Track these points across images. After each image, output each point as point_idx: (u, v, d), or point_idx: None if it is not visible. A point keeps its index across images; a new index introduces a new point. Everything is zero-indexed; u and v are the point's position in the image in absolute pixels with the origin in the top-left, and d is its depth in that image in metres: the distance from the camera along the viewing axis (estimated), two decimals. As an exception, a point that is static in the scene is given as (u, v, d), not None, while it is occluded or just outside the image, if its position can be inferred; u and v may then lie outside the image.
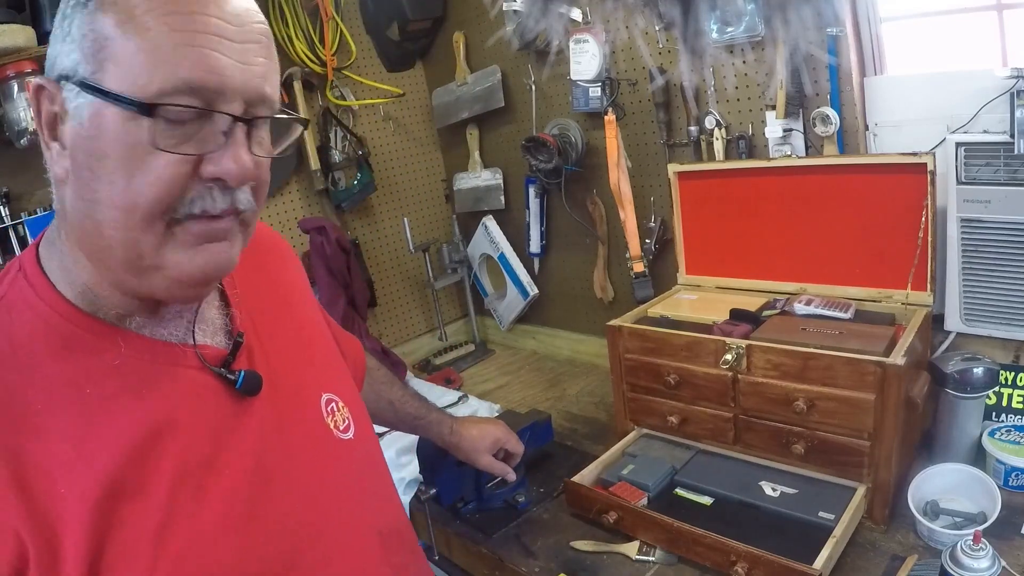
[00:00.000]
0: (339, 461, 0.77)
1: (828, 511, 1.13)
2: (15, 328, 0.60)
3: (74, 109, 0.57)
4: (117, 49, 0.55)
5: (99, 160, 0.57)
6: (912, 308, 1.30)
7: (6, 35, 1.48)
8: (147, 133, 0.56)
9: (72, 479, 0.57)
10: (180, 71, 0.55)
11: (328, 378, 0.83)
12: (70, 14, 0.57)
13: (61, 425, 0.58)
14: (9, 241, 1.66)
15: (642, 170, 1.82)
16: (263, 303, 0.78)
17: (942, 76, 1.35)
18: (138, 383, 0.63)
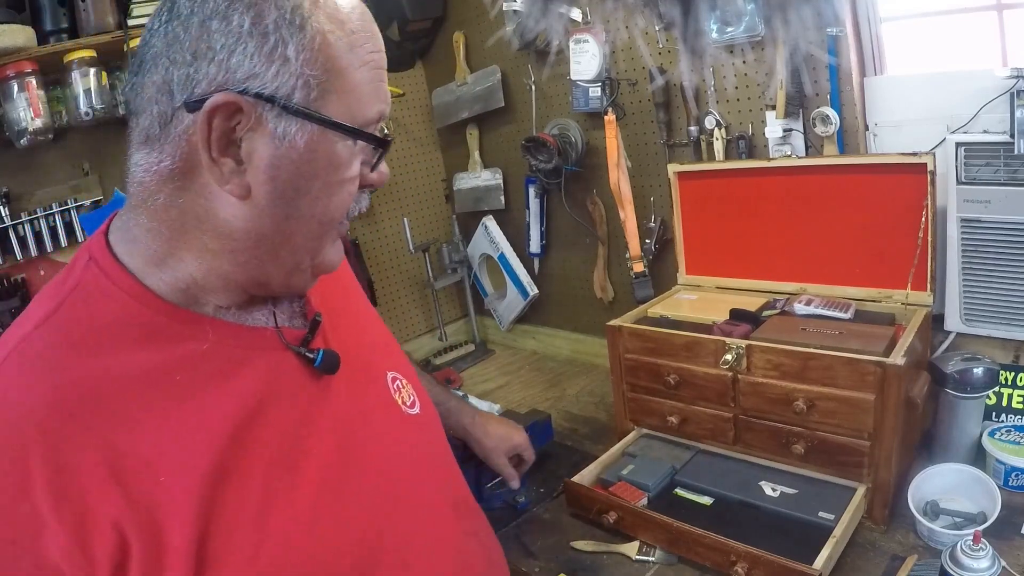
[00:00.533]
0: (409, 435, 0.80)
1: (828, 511, 1.13)
2: (95, 317, 0.61)
3: (280, 131, 0.59)
4: (342, 81, 0.60)
5: (307, 180, 0.61)
6: (912, 308, 1.30)
7: (6, 35, 1.48)
8: (350, 155, 0.63)
9: (173, 467, 0.57)
10: (378, 104, 0.63)
11: (390, 358, 0.87)
12: (276, 32, 0.57)
13: (155, 413, 0.59)
14: (9, 241, 1.66)
15: (642, 170, 1.82)
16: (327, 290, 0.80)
17: (942, 76, 1.35)
18: (227, 367, 0.64)
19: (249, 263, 0.64)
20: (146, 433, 0.58)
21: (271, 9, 0.57)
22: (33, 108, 1.54)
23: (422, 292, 2.43)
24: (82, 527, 0.53)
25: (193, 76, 0.57)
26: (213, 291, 0.66)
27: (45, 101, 1.57)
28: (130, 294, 0.62)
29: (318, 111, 0.59)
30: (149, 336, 0.62)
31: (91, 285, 0.63)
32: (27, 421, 0.55)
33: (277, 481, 0.63)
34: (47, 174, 1.79)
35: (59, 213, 1.72)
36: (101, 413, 0.57)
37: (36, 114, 1.55)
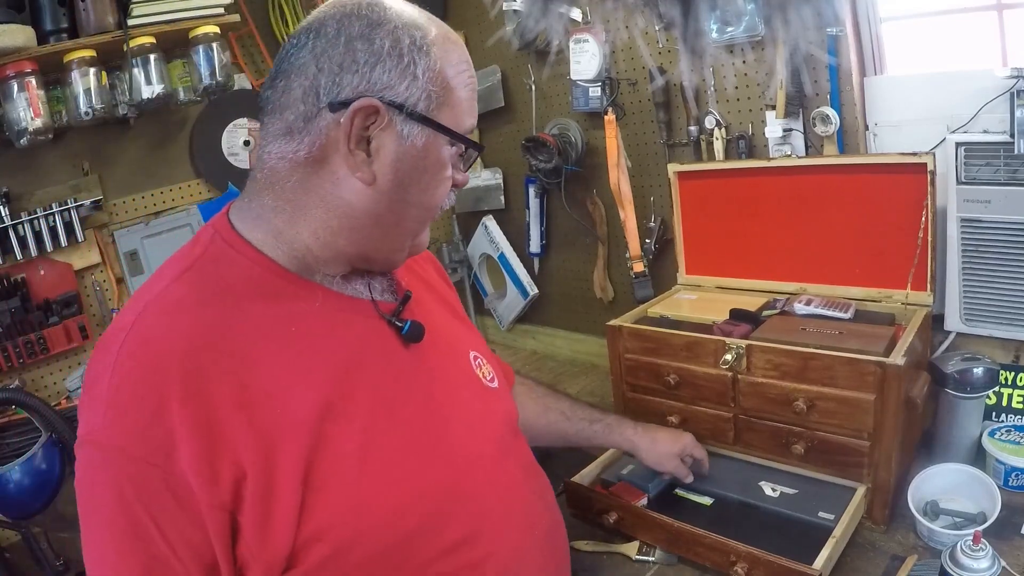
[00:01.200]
0: (487, 403, 0.91)
1: (828, 511, 1.13)
2: (222, 277, 0.73)
3: (405, 133, 0.72)
4: (451, 97, 0.74)
5: (420, 173, 0.75)
6: (912, 308, 1.30)
7: (6, 35, 1.48)
8: (451, 157, 0.77)
9: (289, 400, 0.68)
10: (471, 118, 0.78)
11: (472, 340, 0.99)
12: (409, 53, 0.71)
13: (274, 355, 0.70)
14: (9, 241, 1.66)
15: (642, 170, 1.82)
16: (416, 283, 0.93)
17: (942, 76, 1.35)
18: (333, 325, 0.76)
19: (362, 240, 0.77)
20: (267, 371, 0.69)
21: (405, 36, 0.71)
22: (33, 108, 1.54)
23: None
24: (211, 446, 0.64)
25: (338, 83, 0.70)
26: (324, 262, 0.77)
27: (45, 101, 1.57)
28: (252, 260, 0.75)
29: (435, 119, 0.73)
30: (268, 294, 0.74)
31: (217, 253, 0.75)
32: (168, 356, 0.65)
33: (376, 423, 0.74)
34: (47, 174, 1.79)
35: (59, 213, 1.72)
36: (230, 352, 0.68)
37: (36, 114, 1.55)
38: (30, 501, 1.38)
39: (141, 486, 0.63)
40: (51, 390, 1.81)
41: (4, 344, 1.68)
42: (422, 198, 0.77)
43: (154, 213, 1.97)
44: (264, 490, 0.65)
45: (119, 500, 0.63)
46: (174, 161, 2.00)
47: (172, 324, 0.68)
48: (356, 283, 0.82)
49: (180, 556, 0.63)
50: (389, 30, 0.71)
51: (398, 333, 0.81)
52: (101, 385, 0.66)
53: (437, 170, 0.76)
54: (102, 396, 0.65)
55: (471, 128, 0.79)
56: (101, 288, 1.88)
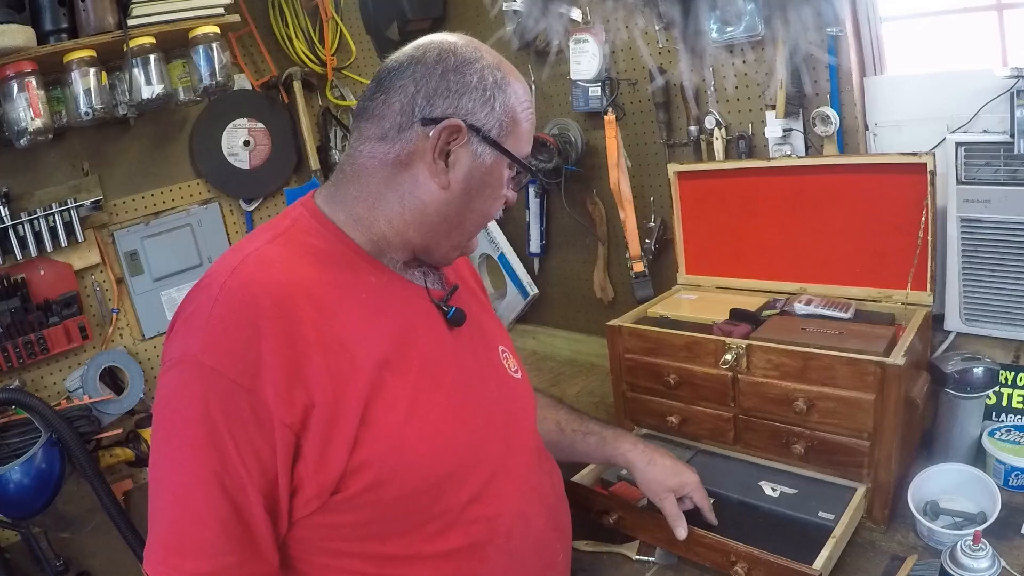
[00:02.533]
0: (513, 390, 1.02)
1: (828, 511, 1.13)
2: (309, 243, 0.86)
3: (478, 151, 0.87)
4: (515, 128, 0.89)
5: (485, 186, 0.89)
6: (912, 308, 1.30)
7: (6, 35, 1.48)
8: (508, 177, 0.91)
9: (358, 350, 0.81)
10: (528, 148, 0.92)
11: (500, 336, 1.10)
12: (491, 89, 0.86)
13: (349, 313, 0.83)
14: (9, 241, 1.66)
15: (642, 170, 1.82)
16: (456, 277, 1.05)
17: (942, 76, 1.35)
18: (393, 300, 0.89)
19: (428, 234, 0.90)
20: (342, 323, 0.81)
21: (489, 75, 0.87)
22: (33, 108, 1.54)
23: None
24: (291, 375, 0.75)
25: (431, 104, 0.85)
26: (393, 247, 0.90)
27: (45, 101, 1.57)
28: (335, 235, 0.88)
29: (503, 144, 0.88)
30: (346, 264, 0.87)
31: (304, 224, 0.88)
32: (264, 296, 0.77)
33: (422, 382, 0.86)
34: (47, 174, 1.79)
35: (59, 213, 1.72)
36: (315, 302, 0.80)
37: (36, 114, 1.55)
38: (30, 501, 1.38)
39: (227, 401, 0.73)
40: (51, 390, 1.81)
41: (4, 344, 1.68)
42: (482, 207, 0.91)
43: (154, 213, 1.97)
44: (328, 420, 0.76)
45: (204, 413, 0.73)
46: (174, 161, 2.00)
47: (269, 272, 0.80)
48: (414, 271, 0.95)
49: (248, 466, 0.73)
50: (478, 68, 0.86)
51: (444, 317, 0.94)
52: (201, 315, 0.76)
53: (497, 186, 0.91)
54: (201, 323, 0.76)
55: (527, 155, 0.93)
56: (101, 288, 1.88)
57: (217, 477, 0.73)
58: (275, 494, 0.76)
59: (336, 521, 0.80)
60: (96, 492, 1.45)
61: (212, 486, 0.73)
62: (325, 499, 0.78)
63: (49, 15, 1.56)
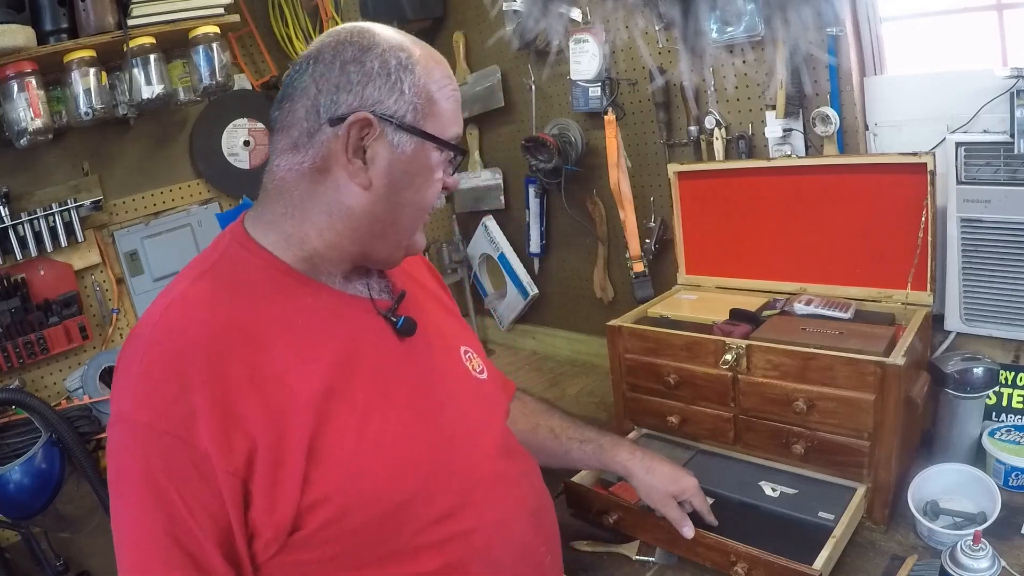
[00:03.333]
0: (477, 392, 0.98)
1: (828, 511, 1.13)
2: (239, 276, 0.82)
3: (396, 141, 0.81)
4: (435, 108, 0.83)
5: (412, 176, 0.84)
6: (912, 308, 1.30)
7: (6, 35, 1.48)
8: (439, 161, 0.85)
9: (296, 381, 0.77)
10: (456, 126, 0.87)
11: (463, 336, 1.06)
12: (395, 72, 0.80)
13: (284, 343, 0.78)
14: (9, 241, 1.66)
15: (642, 170, 1.82)
16: (410, 283, 1.01)
17: (942, 76, 1.35)
18: (333, 321, 0.84)
19: (363, 239, 0.85)
20: (277, 356, 0.77)
21: (392, 58, 0.80)
22: (33, 108, 1.54)
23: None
24: (227, 420, 0.71)
25: (336, 101, 0.80)
26: (330, 261, 0.85)
27: (45, 101, 1.57)
28: (265, 262, 0.83)
29: (422, 128, 0.82)
30: (279, 291, 0.82)
31: (233, 255, 0.84)
32: (190, 343, 0.74)
33: (372, 404, 0.82)
34: (47, 174, 1.79)
35: (59, 213, 1.72)
36: (245, 339, 0.76)
37: (36, 114, 1.55)
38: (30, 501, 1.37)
39: (166, 457, 0.70)
40: (51, 390, 1.81)
41: (4, 344, 1.68)
42: (414, 199, 0.85)
43: (154, 213, 1.97)
44: (273, 461, 0.73)
45: (146, 471, 0.71)
46: (174, 161, 2.00)
47: (194, 316, 0.77)
48: (356, 283, 0.90)
49: (198, 519, 0.71)
50: (378, 53, 0.80)
51: (393, 328, 0.89)
52: (131, 370, 0.74)
53: (426, 174, 0.85)
54: (132, 378, 0.74)
55: (456, 135, 0.87)
56: (101, 288, 1.88)
57: (170, 534, 0.70)
58: (232, 542, 0.73)
59: (302, 559, 0.76)
60: (96, 492, 1.45)
61: (166, 542, 0.70)
62: (284, 540, 0.74)
63: (49, 15, 1.56)
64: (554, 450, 1.18)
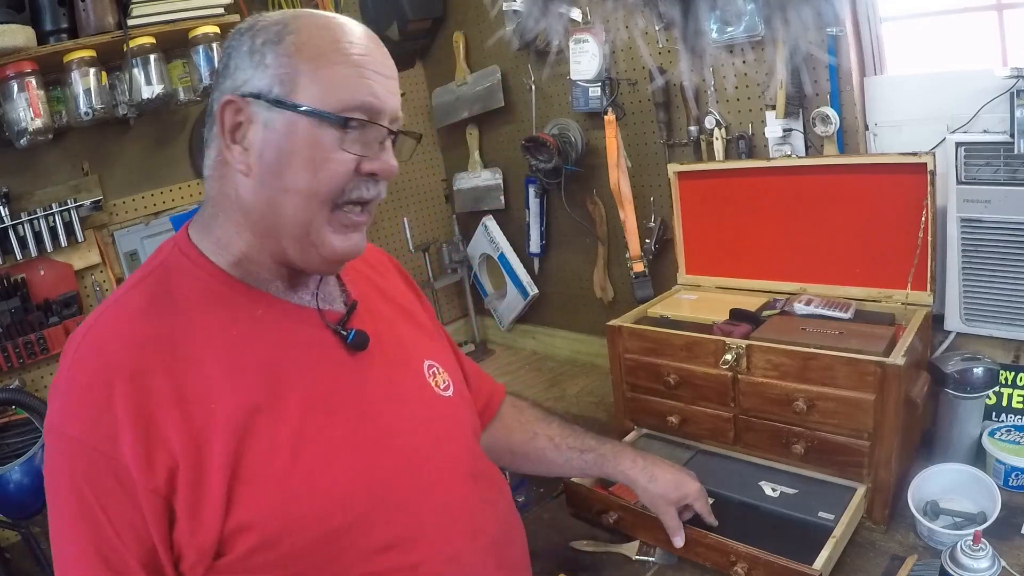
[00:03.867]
0: (439, 411, 0.92)
1: (828, 511, 1.13)
2: (175, 286, 0.78)
3: (266, 119, 0.75)
4: (310, 77, 0.74)
5: (289, 156, 0.75)
6: (912, 308, 1.30)
7: (6, 35, 1.48)
8: (332, 137, 0.75)
9: (221, 398, 0.73)
10: (359, 95, 0.76)
11: (430, 349, 0.99)
12: (260, 48, 0.75)
13: (214, 359, 0.75)
14: (9, 241, 1.66)
15: (642, 170, 1.82)
16: (370, 291, 0.96)
17: (942, 76, 1.35)
18: (273, 333, 0.80)
19: (264, 236, 0.79)
20: (205, 372, 0.74)
21: (260, 36, 0.76)
22: (33, 108, 1.54)
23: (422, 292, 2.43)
24: (149, 436, 0.69)
25: (220, 89, 0.77)
26: (258, 265, 0.81)
27: (45, 101, 1.57)
28: (203, 270, 0.80)
29: (292, 101, 0.74)
30: (214, 302, 0.78)
31: (173, 263, 0.80)
32: (116, 356, 0.72)
33: (312, 419, 0.77)
34: (47, 174, 1.79)
35: (59, 213, 1.72)
36: (172, 353, 0.73)
37: (36, 114, 1.55)
38: (30, 501, 1.38)
39: (91, 471, 0.69)
40: (51, 390, 1.81)
41: (4, 344, 1.68)
42: (297, 183, 0.76)
43: (154, 213, 1.97)
44: (194, 480, 0.70)
45: (72, 484, 0.69)
46: (174, 161, 2.00)
47: (122, 328, 0.75)
48: (303, 292, 0.85)
49: (122, 536, 0.69)
50: (251, 34, 0.77)
51: (343, 341, 0.84)
52: (61, 380, 0.73)
53: (310, 151, 0.75)
54: (61, 390, 0.73)
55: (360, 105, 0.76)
56: (101, 288, 1.88)
57: (96, 549, 0.69)
58: (157, 562, 0.70)
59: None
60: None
61: (93, 559, 0.69)
62: (209, 563, 0.71)
63: (49, 15, 1.56)
64: (553, 460, 1.15)
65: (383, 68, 0.79)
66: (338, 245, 0.80)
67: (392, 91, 0.80)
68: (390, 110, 0.79)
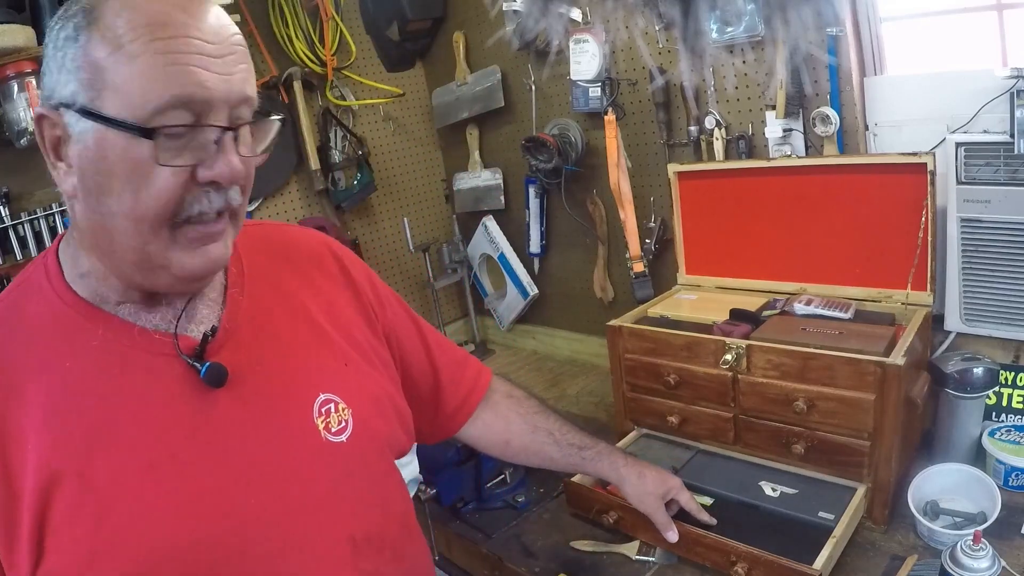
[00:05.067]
0: (322, 461, 0.76)
1: (828, 511, 1.13)
2: (26, 307, 0.70)
3: (78, 134, 0.63)
4: (111, 77, 0.61)
5: (107, 178, 0.63)
6: (912, 308, 1.30)
7: (6, 35, 1.48)
8: (148, 151, 0.62)
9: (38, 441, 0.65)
10: (171, 89, 0.61)
11: (333, 380, 0.81)
12: (62, 46, 0.63)
13: (42, 394, 0.66)
14: (9, 241, 1.66)
15: (642, 170, 1.82)
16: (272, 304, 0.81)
17: (942, 76, 1.35)
18: (113, 364, 0.69)
19: (107, 261, 0.69)
20: (29, 409, 0.66)
21: (63, 32, 0.63)
22: (33, 108, 1.54)
23: (422, 292, 2.43)
24: None
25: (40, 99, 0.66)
26: (104, 284, 0.71)
27: (45, 101, 1.57)
28: (56, 291, 0.71)
29: (98, 109, 0.61)
30: (57, 326, 0.69)
31: (32, 282, 0.73)
32: None
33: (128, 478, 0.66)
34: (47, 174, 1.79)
35: (59, 213, 1.72)
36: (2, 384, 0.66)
37: (36, 114, 1.55)
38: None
39: None
40: (51, 390, 1.81)
41: (4, 344, 1.68)
42: (121, 206, 0.64)
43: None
44: (7, 521, 0.64)
45: None
46: (174, 161, 2.00)
47: None
48: (161, 313, 0.73)
49: None
50: (56, 30, 0.64)
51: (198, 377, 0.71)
52: None
53: (127, 170, 0.62)
54: None
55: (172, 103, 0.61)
56: (101, 288, 1.88)
57: None
58: None
59: None
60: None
61: None
62: None
63: (49, 15, 1.56)
64: (551, 454, 1.15)
65: (214, 45, 0.63)
66: (188, 263, 0.68)
67: (228, 71, 0.64)
68: (226, 97, 0.64)
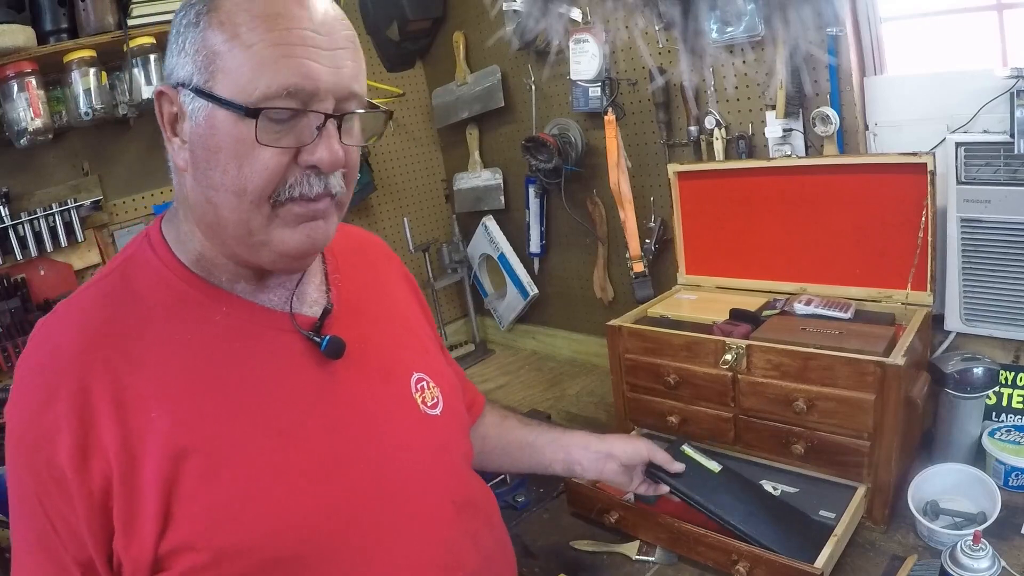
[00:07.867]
0: (423, 432, 0.83)
1: (828, 510, 1.13)
2: (138, 282, 0.74)
3: (192, 111, 0.69)
4: (226, 62, 0.67)
5: (214, 153, 0.69)
6: (912, 308, 1.30)
7: (6, 35, 1.48)
8: (251, 131, 0.67)
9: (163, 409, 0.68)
10: (279, 79, 0.66)
11: (422, 360, 0.90)
12: (183, 32, 0.70)
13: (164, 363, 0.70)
14: (9, 241, 1.66)
15: (642, 170, 1.82)
16: (365, 292, 0.89)
17: (942, 76, 1.35)
18: (236, 338, 0.74)
19: (212, 237, 0.74)
20: (151, 375, 0.69)
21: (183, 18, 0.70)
22: (33, 108, 1.54)
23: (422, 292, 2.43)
24: (86, 438, 0.66)
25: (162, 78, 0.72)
26: (217, 267, 0.75)
27: (45, 101, 1.57)
28: (167, 266, 0.75)
29: (211, 90, 0.67)
30: (175, 301, 0.73)
31: (138, 256, 0.76)
32: (61, 353, 0.69)
33: (265, 438, 0.71)
34: (47, 174, 1.79)
35: (59, 213, 1.72)
36: (119, 355, 0.69)
37: (36, 114, 1.55)
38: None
39: (33, 469, 0.67)
40: (51, 390, 1.81)
41: (4, 344, 1.68)
42: (224, 181, 0.69)
43: (154, 213, 1.97)
44: (127, 492, 0.66)
45: (17, 475, 0.68)
46: (174, 161, 2.00)
47: (71, 324, 0.71)
48: (275, 292, 0.78)
49: (61, 534, 0.67)
50: (180, 16, 0.71)
51: (317, 349, 0.77)
52: (17, 369, 0.71)
53: (234, 146, 0.68)
54: (16, 379, 0.71)
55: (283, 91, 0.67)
56: (101, 288, 1.88)
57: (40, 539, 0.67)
58: (93, 566, 0.67)
59: None
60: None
61: (36, 546, 0.67)
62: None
63: (49, 15, 1.56)
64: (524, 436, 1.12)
65: (325, 38, 0.69)
66: (289, 239, 0.72)
67: (338, 64, 0.69)
68: (333, 89, 0.69)
